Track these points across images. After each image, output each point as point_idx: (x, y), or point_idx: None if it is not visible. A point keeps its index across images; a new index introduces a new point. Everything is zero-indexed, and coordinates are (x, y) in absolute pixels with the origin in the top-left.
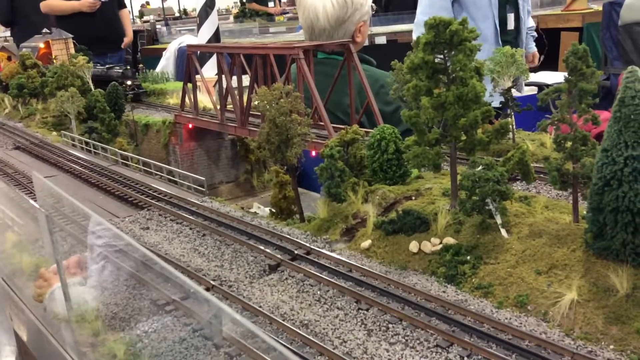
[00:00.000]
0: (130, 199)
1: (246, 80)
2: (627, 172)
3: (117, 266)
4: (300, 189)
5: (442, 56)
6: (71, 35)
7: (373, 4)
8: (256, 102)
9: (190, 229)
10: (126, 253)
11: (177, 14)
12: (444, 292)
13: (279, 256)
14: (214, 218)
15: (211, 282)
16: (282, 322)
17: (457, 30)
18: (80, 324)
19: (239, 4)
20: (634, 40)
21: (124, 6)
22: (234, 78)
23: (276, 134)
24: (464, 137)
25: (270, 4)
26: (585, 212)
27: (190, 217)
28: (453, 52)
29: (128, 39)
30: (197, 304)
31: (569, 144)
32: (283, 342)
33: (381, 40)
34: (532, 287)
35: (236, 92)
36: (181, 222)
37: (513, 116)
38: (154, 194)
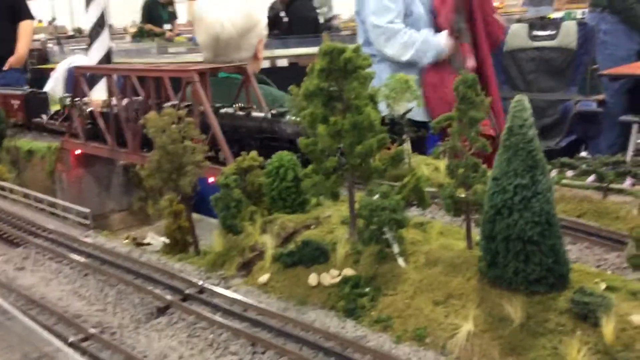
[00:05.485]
0: (4, 235)
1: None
2: (517, 200)
3: None
4: (198, 215)
5: (335, 83)
6: None
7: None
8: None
9: (71, 268)
10: None
11: (70, 33)
12: (343, 328)
13: (168, 297)
14: (98, 255)
15: (91, 330)
16: None
17: (350, 58)
18: None
19: (137, 22)
20: (519, 65)
21: (27, 17)
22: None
23: (168, 161)
24: (360, 165)
25: (167, 26)
26: (478, 239)
27: (71, 254)
28: (347, 80)
29: (15, 58)
30: None
31: (461, 170)
32: None
33: (283, 63)
34: (430, 319)
35: (128, 116)
36: (61, 261)
37: (409, 141)
38: (32, 229)
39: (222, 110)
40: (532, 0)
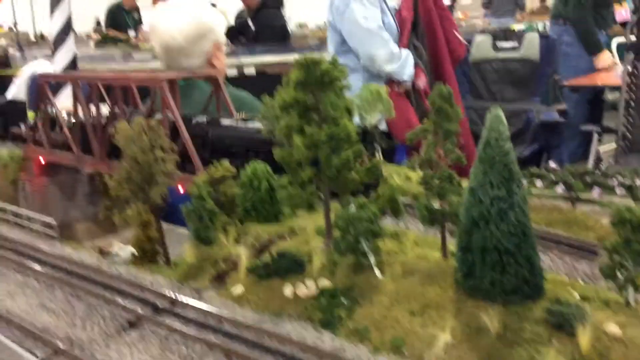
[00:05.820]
0: None
1: (106, 109)
2: (493, 212)
3: None
4: (168, 225)
5: (312, 95)
6: None
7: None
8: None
9: (38, 280)
10: None
11: (32, 39)
12: (319, 339)
13: (139, 310)
14: (65, 267)
15: (60, 345)
16: None
17: (327, 70)
18: None
19: (100, 27)
20: (483, 76)
21: None
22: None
23: (138, 172)
24: (336, 177)
25: (131, 33)
26: (454, 249)
27: (37, 266)
28: (324, 92)
29: None
30: None
31: (436, 182)
32: None
33: (250, 71)
34: (407, 330)
35: (94, 123)
36: (27, 273)
37: (380, 151)
38: None
39: (225, 122)
40: (494, 12)
